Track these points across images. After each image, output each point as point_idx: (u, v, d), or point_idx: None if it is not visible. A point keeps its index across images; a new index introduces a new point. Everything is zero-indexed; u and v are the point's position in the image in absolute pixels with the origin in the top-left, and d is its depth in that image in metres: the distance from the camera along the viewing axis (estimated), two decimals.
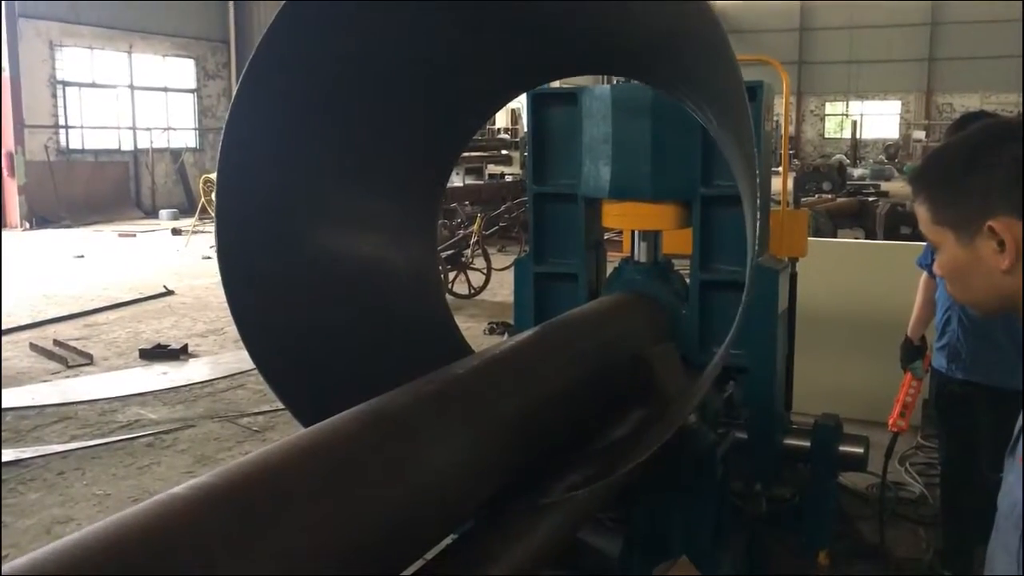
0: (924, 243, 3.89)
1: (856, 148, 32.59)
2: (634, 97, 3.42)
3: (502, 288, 11.38)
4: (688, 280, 3.60)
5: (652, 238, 3.62)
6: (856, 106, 40.91)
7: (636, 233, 3.64)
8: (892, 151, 35.98)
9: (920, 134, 36.69)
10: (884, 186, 20.50)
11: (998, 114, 6.77)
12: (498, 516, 2.28)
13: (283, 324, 2.59)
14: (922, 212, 1.52)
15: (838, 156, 29.35)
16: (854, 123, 35.91)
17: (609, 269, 3.87)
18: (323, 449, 1.84)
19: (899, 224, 10.40)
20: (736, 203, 3.43)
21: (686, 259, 3.63)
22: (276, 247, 2.64)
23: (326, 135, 2.64)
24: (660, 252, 3.65)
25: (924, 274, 3.93)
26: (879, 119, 40.34)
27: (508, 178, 17.82)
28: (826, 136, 41.70)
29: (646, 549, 3.19)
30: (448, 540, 2.25)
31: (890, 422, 3.86)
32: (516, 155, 18.27)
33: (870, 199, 13.46)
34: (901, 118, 40.11)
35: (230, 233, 2.51)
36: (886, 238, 10.14)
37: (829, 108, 41.93)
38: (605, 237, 3.96)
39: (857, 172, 25.58)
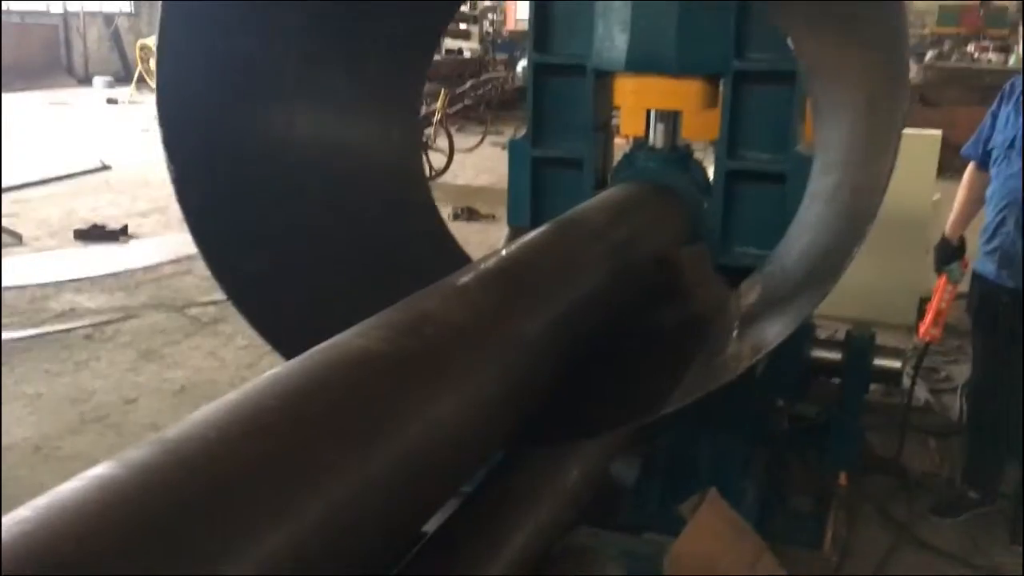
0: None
1: None
2: None
3: (464, 171, 10.83)
4: (711, 170, 3.14)
5: (671, 120, 3.14)
6: None
7: (653, 114, 3.14)
8: None
9: None
10: None
11: None
12: (525, 455, 1.87)
13: (248, 227, 2.11)
14: None
15: None
16: None
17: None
18: (319, 386, 1.39)
19: None
20: (773, 80, 2.96)
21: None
22: (232, 132, 2.15)
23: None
24: (679, 136, 3.17)
25: (971, 167, 3.52)
26: None
27: (467, 54, 16.95)
28: None
29: (667, 477, 2.84)
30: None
31: (921, 330, 3.51)
32: (475, 30, 17.36)
33: None
34: None
35: (175, 114, 2.01)
36: None
37: None
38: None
39: None
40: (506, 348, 1.78)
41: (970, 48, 14.48)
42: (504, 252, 2.21)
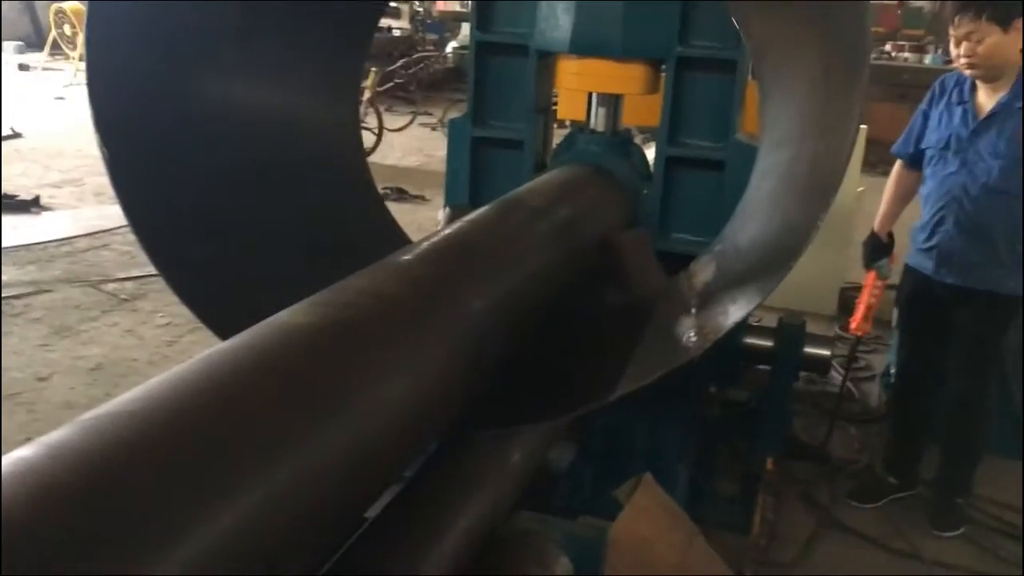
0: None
1: None
2: None
3: (393, 151, 10.70)
4: (651, 156, 3.14)
5: (613, 104, 3.12)
6: None
7: (594, 97, 3.13)
8: None
9: None
10: None
11: None
12: (466, 440, 1.84)
13: (184, 207, 2.02)
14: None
15: None
16: None
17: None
18: (255, 368, 1.32)
19: None
20: (715, 68, 2.97)
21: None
22: (167, 108, 2.06)
23: None
24: (620, 121, 3.16)
25: (899, 165, 3.59)
26: None
27: (396, 32, 16.72)
28: None
29: (602, 462, 2.84)
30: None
31: (853, 325, 3.58)
32: (405, 8, 17.14)
33: None
34: None
35: (103, 84, 1.91)
36: None
37: None
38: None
39: None
40: (450, 327, 1.73)
41: (887, 47, 14.86)
42: (446, 231, 2.16)
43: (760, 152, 2.49)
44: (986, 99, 3.23)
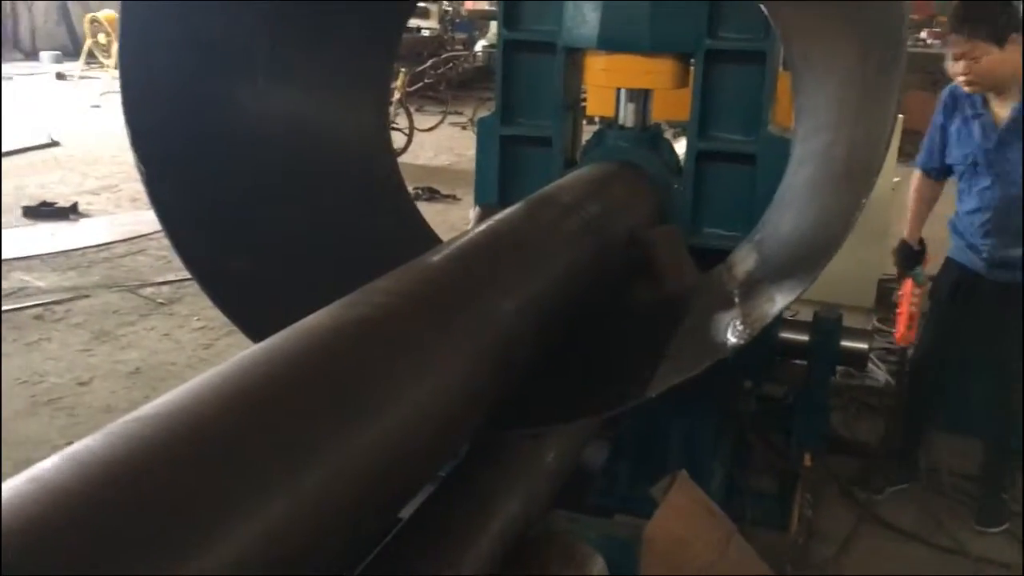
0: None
1: None
2: None
3: (424, 151, 10.73)
4: (681, 150, 3.11)
5: (642, 99, 3.10)
6: None
7: (623, 93, 3.10)
8: None
9: None
10: None
11: None
12: (499, 442, 1.83)
13: (214, 209, 2.05)
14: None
15: None
16: None
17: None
18: (289, 370, 1.32)
19: None
20: (744, 60, 2.94)
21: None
22: (200, 117, 2.09)
23: None
24: (650, 116, 3.14)
25: (919, 175, 3.57)
26: None
27: (425, 33, 16.75)
28: None
29: (636, 460, 2.83)
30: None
31: (897, 336, 3.54)
32: (434, 8, 17.16)
33: None
34: None
35: (136, 93, 1.93)
36: None
37: None
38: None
39: None
40: (479, 328, 1.73)
41: (923, 34, 14.61)
42: (475, 231, 2.16)
43: (796, 140, 2.46)
44: (1000, 108, 3.20)
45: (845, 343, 3.09)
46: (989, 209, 3.27)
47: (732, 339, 1.71)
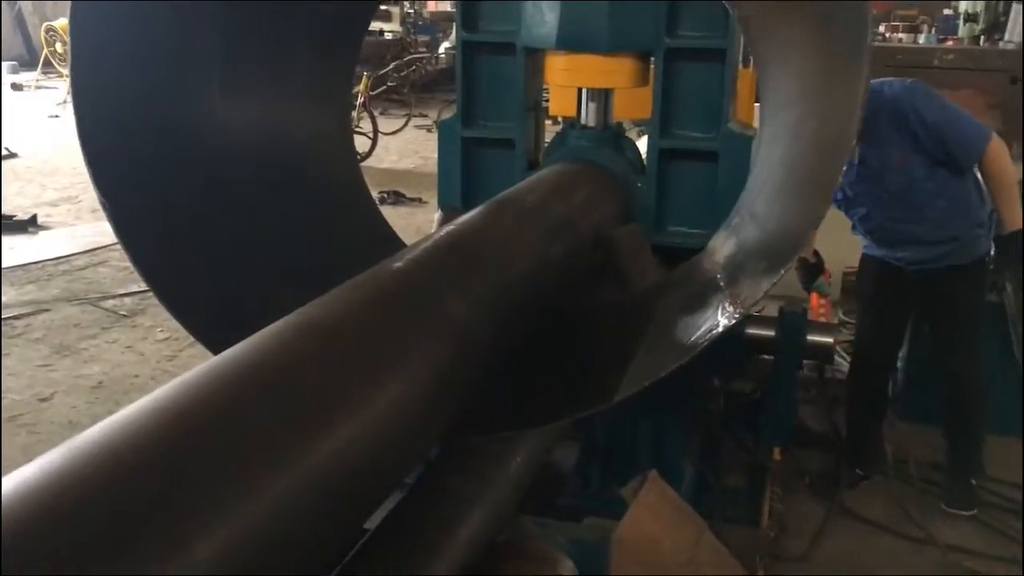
0: None
1: None
2: None
3: (388, 154, 10.68)
4: (644, 148, 3.12)
5: (602, 98, 3.09)
6: None
7: (584, 92, 3.10)
8: None
9: None
10: None
11: None
12: (465, 447, 1.81)
13: (171, 220, 2.01)
14: None
15: None
16: None
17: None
18: (247, 382, 1.30)
19: None
20: (704, 58, 2.94)
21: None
22: (156, 129, 2.06)
23: None
24: (611, 115, 3.14)
25: None
26: None
27: (388, 35, 16.69)
28: None
29: (606, 460, 2.82)
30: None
31: None
32: (396, 10, 17.11)
33: None
34: None
35: (89, 107, 1.90)
36: None
37: None
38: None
39: None
40: (440, 333, 1.71)
41: (881, 28, 14.80)
42: (437, 235, 2.14)
43: (763, 120, 2.46)
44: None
45: (811, 337, 3.10)
46: (876, 230, 3.48)
47: (723, 320, 1.71)
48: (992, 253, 3.41)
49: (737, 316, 1.69)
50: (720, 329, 1.68)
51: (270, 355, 1.38)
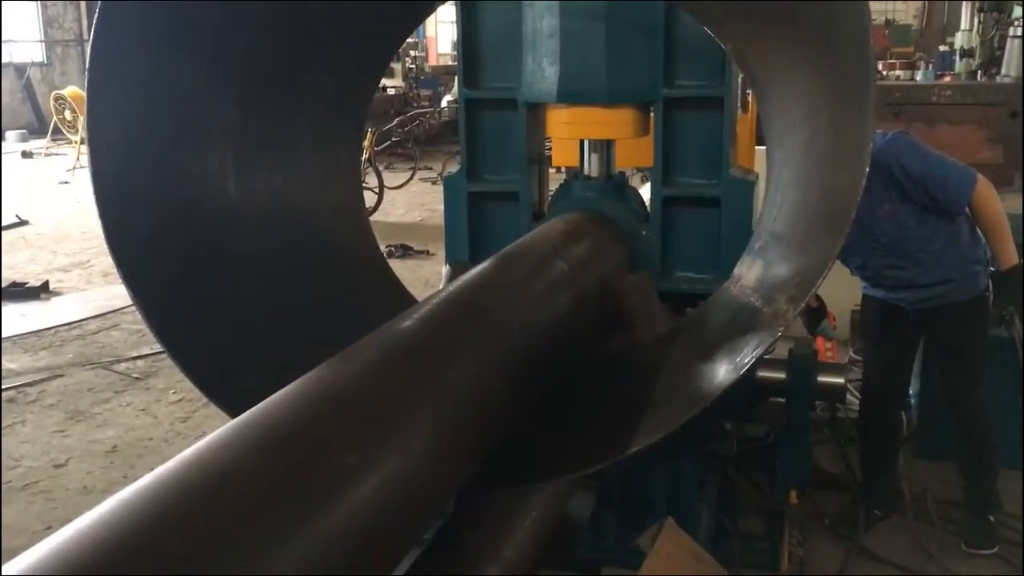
0: None
1: None
2: None
3: (395, 208, 10.77)
4: (647, 197, 3.15)
5: (604, 149, 3.14)
6: None
7: (586, 144, 3.14)
8: None
9: None
10: None
11: None
12: (481, 503, 1.82)
13: (187, 283, 2.04)
14: None
15: None
16: None
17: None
18: (262, 445, 1.32)
19: None
20: (702, 106, 2.99)
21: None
22: (171, 193, 2.10)
23: (212, 48, 2.08)
24: (614, 165, 3.18)
25: None
26: None
27: (391, 91, 16.91)
28: None
29: (622, 508, 2.81)
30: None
31: None
32: (398, 67, 17.35)
33: None
34: None
35: (105, 171, 1.94)
36: None
37: None
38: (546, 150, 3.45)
39: None
40: (455, 390, 1.73)
41: (879, 66, 14.96)
42: (444, 292, 2.16)
43: (770, 147, 2.49)
44: None
45: (822, 378, 3.10)
46: (873, 277, 3.53)
47: (768, 337, 1.74)
48: (991, 289, 3.43)
49: (780, 331, 1.72)
50: (766, 346, 1.71)
51: (283, 419, 1.41)
